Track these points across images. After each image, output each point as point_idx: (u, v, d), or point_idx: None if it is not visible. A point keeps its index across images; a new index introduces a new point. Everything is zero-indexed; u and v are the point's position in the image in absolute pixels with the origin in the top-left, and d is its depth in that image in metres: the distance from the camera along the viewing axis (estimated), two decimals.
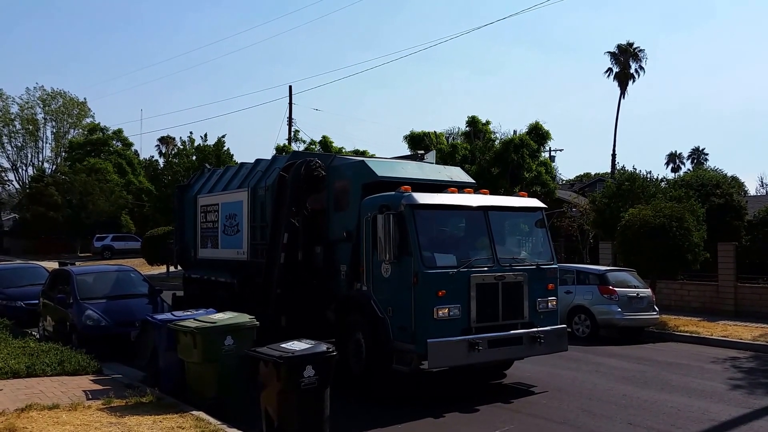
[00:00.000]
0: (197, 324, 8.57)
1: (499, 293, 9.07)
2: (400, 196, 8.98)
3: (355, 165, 10.48)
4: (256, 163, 13.11)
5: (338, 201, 10.57)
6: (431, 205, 9.08)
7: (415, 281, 8.53)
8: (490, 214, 9.44)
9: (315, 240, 11.00)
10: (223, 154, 37.35)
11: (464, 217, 9.68)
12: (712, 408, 8.87)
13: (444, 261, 8.89)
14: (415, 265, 8.56)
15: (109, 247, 46.43)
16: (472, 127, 35.32)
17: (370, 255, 9.34)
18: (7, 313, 14.77)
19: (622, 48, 60.65)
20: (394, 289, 8.93)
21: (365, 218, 9.38)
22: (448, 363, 8.75)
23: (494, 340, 8.91)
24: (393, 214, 8.72)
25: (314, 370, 7.17)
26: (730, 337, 14.56)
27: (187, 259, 15.27)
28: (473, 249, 9.39)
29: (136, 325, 11.39)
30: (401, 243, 8.71)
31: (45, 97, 66.06)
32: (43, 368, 9.88)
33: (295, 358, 7.14)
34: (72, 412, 7.74)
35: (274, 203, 11.39)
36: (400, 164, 10.88)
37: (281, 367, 7.07)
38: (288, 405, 7.13)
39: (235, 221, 12.98)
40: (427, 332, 8.45)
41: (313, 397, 7.19)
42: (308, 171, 10.76)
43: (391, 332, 8.88)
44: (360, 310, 9.49)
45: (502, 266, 9.20)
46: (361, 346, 9.34)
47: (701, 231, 16.86)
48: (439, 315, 8.54)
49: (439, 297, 8.54)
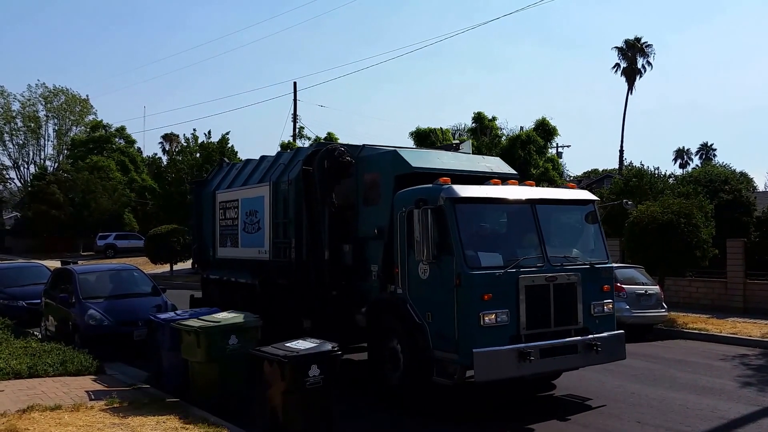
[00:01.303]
0: (201, 323, 8.59)
1: (551, 296, 8.20)
2: (439, 188, 8.17)
3: (387, 155, 9.67)
4: (278, 156, 12.54)
5: (368, 195, 9.82)
6: (474, 199, 8.22)
7: (457, 283, 7.74)
8: (538, 208, 8.59)
9: (342, 237, 10.23)
10: (227, 151, 37.24)
11: (510, 211, 8.81)
12: (722, 406, 8.77)
13: (489, 261, 8.07)
14: (458, 265, 7.76)
15: (112, 245, 46.46)
16: (478, 124, 35.22)
17: (405, 254, 8.59)
18: (8, 313, 14.74)
19: (630, 43, 60.62)
20: (433, 292, 8.16)
21: (399, 213, 8.66)
22: (496, 375, 7.85)
23: (547, 349, 8.01)
24: (431, 208, 7.93)
25: (319, 369, 7.16)
26: (740, 335, 14.45)
27: (205, 259, 14.54)
28: (520, 247, 8.55)
29: (139, 324, 11.41)
30: (441, 241, 7.94)
31: (47, 94, 66.14)
32: (45, 368, 9.86)
33: (299, 357, 7.12)
34: (74, 413, 7.72)
35: (297, 198, 10.78)
36: (436, 154, 10.12)
37: (286, 367, 7.05)
38: (293, 405, 7.09)
39: (255, 218, 12.29)
40: (472, 341, 7.63)
41: (318, 397, 7.15)
42: (334, 159, 10.02)
43: (431, 340, 8.10)
44: (395, 316, 8.72)
45: (553, 266, 8.33)
46: (397, 355, 8.61)
47: (710, 227, 16.75)
48: (486, 321, 7.69)
49: (485, 301, 7.72)
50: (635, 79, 60.71)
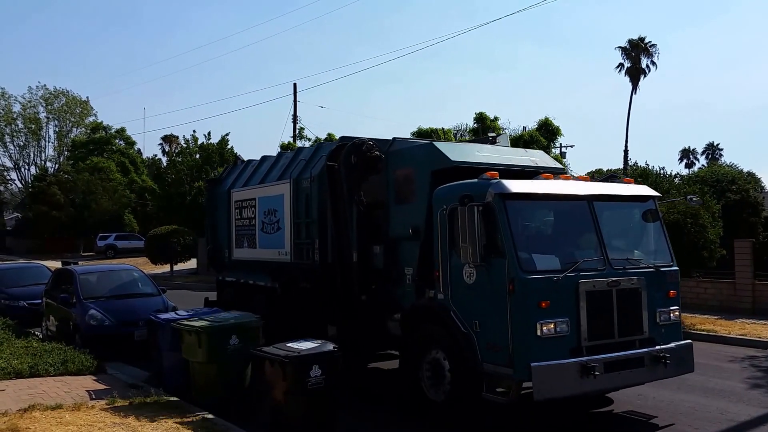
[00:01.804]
0: (202, 323, 8.60)
1: (614, 303, 7.41)
2: (487, 183, 7.43)
3: (423, 149, 9.06)
4: (298, 152, 11.96)
5: (400, 192, 9.14)
6: (526, 195, 7.49)
7: (510, 289, 6.98)
8: (596, 205, 7.85)
9: (372, 238, 9.58)
10: (227, 152, 37.21)
11: (565, 209, 8.04)
12: (731, 408, 8.63)
13: (545, 264, 7.33)
14: (511, 269, 7.01)
15: (112, 246, 46.53)
16: (480, 124, 35.09)
17: (446, 256, 7.86)
18: (9, 313, 14.74)
19: (634, 43, 60.64)
20: (481, 298, 7.40)
21: (439, 212, 7.93)
22: (557, 392, 7.05)
23: (612, 362, 7.22)
24: (478, 206, 7.18)
25: (321, 369, 7.12)
26: (749, 336, 14.31)
27: (220, 261, 13.85)
28: (578, 248, 7.82)
29: (140, 324, 11.34)
30: (489, 242, 7.21)
31: (47, 96, 66.33)
32: (46, 368, 9.87)
33: (301, 357, 7.09)
34: (75, 413, 7.73)
35: (321, 196, 10.18)
36: (475, 147, 9.37)
37: (287, 367, 7.03)
38: (294, 405, 7.07)
39: (275, 217, 11.65)
40: (529, 353, 6.86)
41: (320, 398, 7.11)
42: (362, 154, 9.40)
43: (479, 352, 7.34)
44: (438, 324, 7.98)
45: (615, 269, 7.57)
46: (441, 368, 7.83)
47: (717, 228, 16.63)
48: (544, 331, 6.92)
49: (543, 309, 6.96)
50: (639, 78, 60.70)
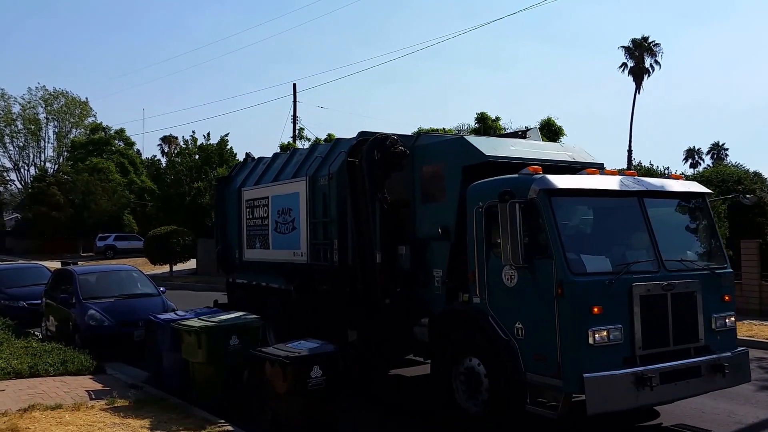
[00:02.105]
0: (202, 323, 8.56)
1: (669, 308, 6.89)
2: (530, 179, 6.92)
3: (453, 143, 8.64)
4: (313, 148, 11.51)
5: (428, 189, 8.67)
6: (573, 191, 7.00)
7: (559, 293, 6.46)
8: (646, 202, 7.35)
9: (396, 238, 9.16)
10: (226, 153, 37.19)
11: (614, 206, 7.48)
12: (738, 410, 8.44)
13: (595, 265, 6.83)
14: (558, 271, 6.49)
15: (111, 246, 46.48)
16: (481, 124, 34.99)
17: (483, 257, 7.36)
18: (9, 313, 14.77)
19: (637, 42, 60.29)
20: (523, 302, 6.89)
21: (474, 209, 7.44)
22: (612, 406, 6.52)
23: (668, 373, 6.70)
24: (520, 203, 6.67)
25: (321, 370, 7.10)
26: (756, 337, 14.15)
27: (230, 262, 13.39)
28: (629, 248, 7.31)
29: (140, 324, 11.39)
30: (533, 241, 6.77)
31: (47, 96, 66.18)
32: (45, 368, 9.88)
33: (301, 358, 7.07)
34: (75, 413, 7.73)
35: (340, 193, 9.71)
36: (508, 141, 8.89)
37: (287, 368, 7.01)
38: (295, 406, 7.07)
39: (289, 217, 11.16)
40: (580, 363, 6.35)
41: (321, 399, 7.11)
42: (386, 149, 8.92)
43: (522, 361, 6.83)
44: (474, 330, 7.44)
45: (669, 271, 7.03)
46: (477, 377, 7.29)
47: (723, 228, 16.46)
48: (596, 339, 6.39)
49: (595, 315, 6.42)
50: (643, 78, 60.28)
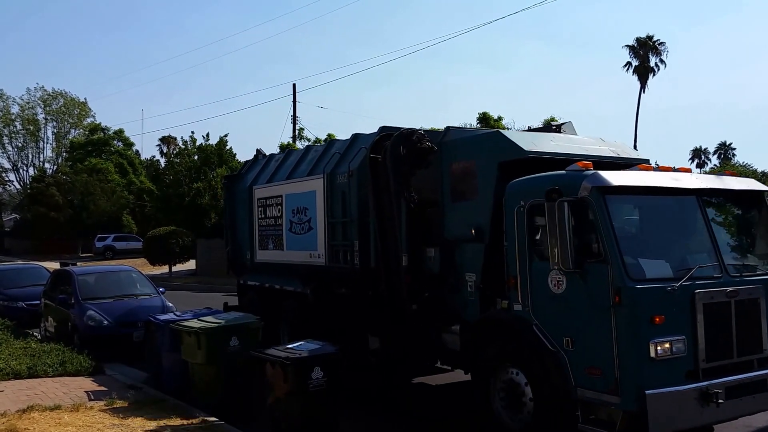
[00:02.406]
0: (201, 324, 8.58)
1: (732, 317, 6.34)
2: (580, 175, 6.37)
3: (487, 138, 8.07)
4: (329, 144, 10.96)
5: (458, 187, 8.15)
6: (629, 188, 6.42)
7: (617, 300, 5.93)
8: (705, 201, 6.82)
9: (423, 239, 8.71)
10: (226, 153, 37.18)
11: (671, 205, 6.87)
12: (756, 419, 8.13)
13: (655, 270, 6.25)
14: (615, 276, 5.95)
15: (110, 247, 46.50)
16: (483, 124, 35.01)
17: (526, 261, 6.82)
18: (8, 314, 14.80)
19: (641, 41, 60.20)
20: (573, 311, 6.34)
21: (517, 209, 6.91)
22: (675, 425, 6.00)
23: (733, 387, 6.16)
24: (570, 201, 6.14)
25: (322, 371, 7.09)
26: None
27: (241, 263, 12.88)
28: (688, 252, 6.77)
29: (139, 325, 11.39)
30: (584, 244, 6.21)
31: (46, 97, 66.21)
32: (44, 369, 9.89)
33: (302, 359, 7.07)
34: (74, 413, 7.74)
35: (361, 192, 9.24)
36: (546, 136, 8.30)
37: (288, 369, 7.01)
38: (295, 407, 7.06)
39: (305, 216, 10.67)
40: (641, 379, 5.83)
41: (322, 400, 7.10)
42: (412, 145, 8.46)
43: (572, 375, 6.30)
44: (515, 340, 6.96)
45: (732, 277, 6.50)
46: (518, 391, 6.80)
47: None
48: (658, 352, 5.88)
49: (656, 325, 5.90)
50: (648, 77, 60.23)
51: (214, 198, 34.04)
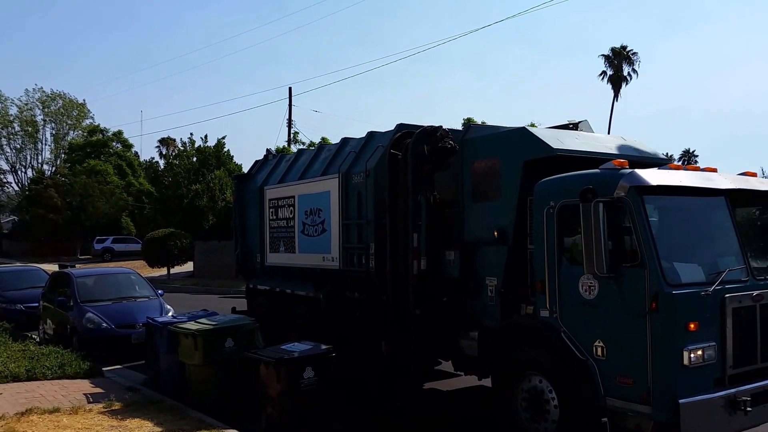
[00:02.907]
0: (198, 326, 8.66)
1: (757, 322, 6.23)
2: (617, 174, 6.10)
3: (512, 135, 7.65)
4: (343, 143, 10.56)
5: (479, 187, 7.85)
6: (667, 188, 6.14)
7: (653, 307, 5.70)
8: (732, 203, 6.63)
9: (442, 242, 8.38)
10: (223, 155, 37.33)
11: (702, 206, 6.62)
12: None
13: (689, 275, 6.05)
14: (653, 281, 5.72)
15: (109, 249, 46.44)
16: None
17: (554, 264, 6.53)
18: (6, 317, 14.78)
19: (616, 51, 61.15)
20: (606, 317, 6.09)
21: (545, 210, 6.62)
22: None
23: (759, 393, 6.05)
24: (606, 202, 5.89)
25: (314, 371, 7.31)
26: None
27: (250, 266, 12.54)
28: (717, 254, 6.59)
29: (137, 327, 11.47)
30: (619, 247, 5.97)
31: (44, 98, 66.10)
32: (43, 372, 9.89)
33: (294, 359, 7.28)
34: (73, 416, 7.76)
35: (378, 192, 8.93)
36: (570, 134, 7.96)
37: (281, 369, 7.19)
38: (288, 406, 7.24)
39: (318, 218, 10.34)
40: (674, 387, 5.66)
41: (313, 399, 7.31)
42: (435, 143, 8.19)
43: (601, 384, 6.09)
44: (541, 347, 6.68)
45: (758, 280, 6.35)
46: (542, 399, 6.59)
47: None
48: (692, 360, 5.72)
49: (691, 332, 5.74)
50: (621, 86, 61.14)
51: (212, 200, 34.16)
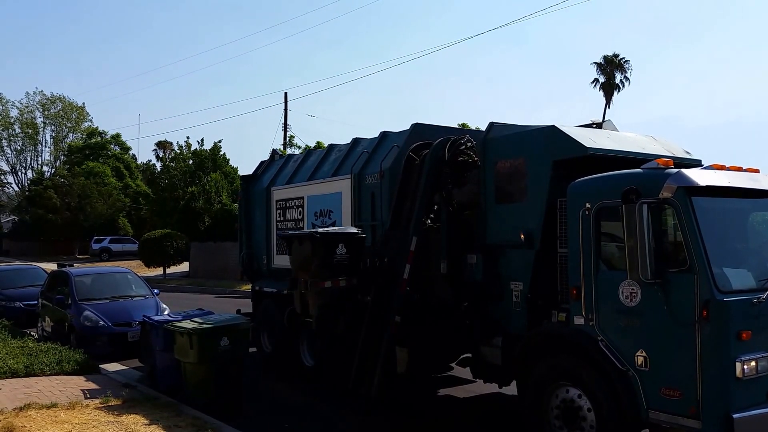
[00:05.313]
0: (193, 325, 8.72)
1: None
2: (662, 174, 5.73)
3: (541, 134, 7.20)
4: (355, 143, 10.23)
5: (504, 188, 7.48)
6: (716, 189, 5.75)
7: (704, 315, 5.30)
8: None
9: (464, 246, 7.98)
10: (220, 158, 37.49)
11: (749, 208, 6.33)
12: None
13: (740, 281, 5.64)
14: (703, 288, 5.33)
15: (106, 249, 46.55)
16: None
17: (591, 270, 6.11)
18: (6, 314, 14.94)
19: (608, 59, 60.94)
20: (650, 326, 5.69)
21: (581, 212, 6.21)
22: None
23: None
24: (652, 204, 5.55)
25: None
26: None
27: (256, 269, 12.16)
28: (764, 258, 6.35)
29: (134, 325, 11.60)
30: (667, 251, 5.63)
31: (44, 101, 66.52)
32: (41, 368, 9.98)
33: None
34: (70, 411, 7.85)
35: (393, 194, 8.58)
36: (602, 133, 7.53)
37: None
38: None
39: (329, 219, 10.03)
40: (726, 401, 5.27)
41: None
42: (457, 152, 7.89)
43: (643, 397, 5.71)
44: (576, 356, 6.24)
45: None
46: (577, 412, 6.16)
47: None
48: (745, 371, 5.30)
49: (743, 341, 5.34)
50: (613, 94, 61.13)
51: (208, 202, 34.31)
